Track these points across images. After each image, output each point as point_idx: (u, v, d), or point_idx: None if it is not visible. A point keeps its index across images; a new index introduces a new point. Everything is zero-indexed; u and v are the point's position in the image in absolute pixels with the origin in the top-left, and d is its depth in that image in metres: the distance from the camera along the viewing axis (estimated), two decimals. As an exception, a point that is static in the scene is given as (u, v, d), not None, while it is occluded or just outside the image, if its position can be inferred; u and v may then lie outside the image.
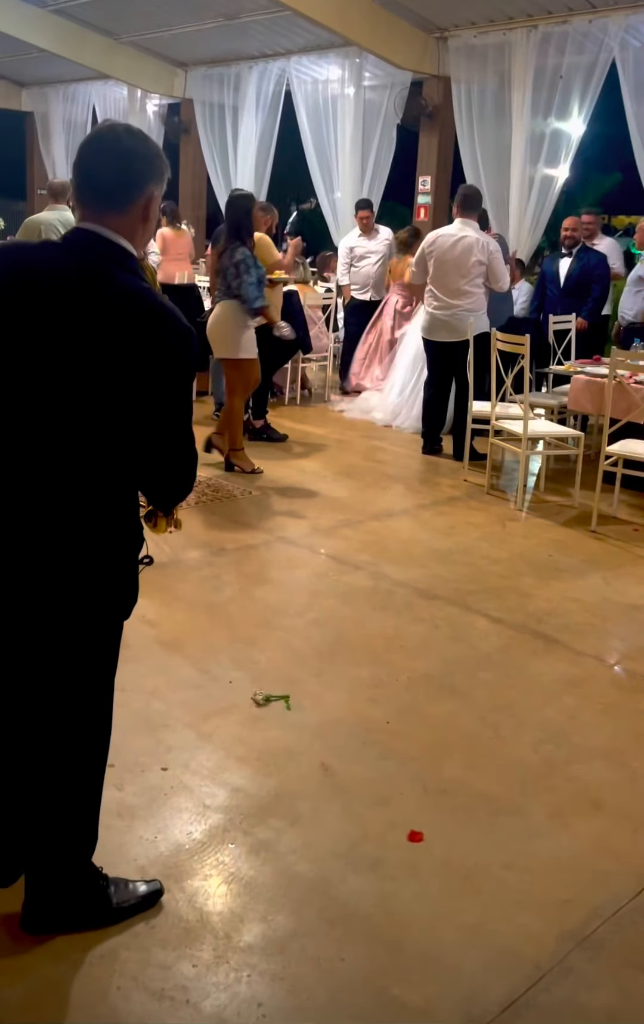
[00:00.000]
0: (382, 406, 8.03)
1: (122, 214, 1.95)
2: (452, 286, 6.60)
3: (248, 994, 2.12)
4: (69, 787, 2.20)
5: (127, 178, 1.95)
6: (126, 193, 1.95)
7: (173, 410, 1.91)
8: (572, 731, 3.28)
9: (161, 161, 2.01)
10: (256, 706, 3.31)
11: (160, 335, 1.85)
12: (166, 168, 2.03)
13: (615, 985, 2.20)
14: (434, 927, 2.35)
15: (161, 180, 2.01)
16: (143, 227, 2.00)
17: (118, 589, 2.08)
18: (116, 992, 2.11)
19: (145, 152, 1.98)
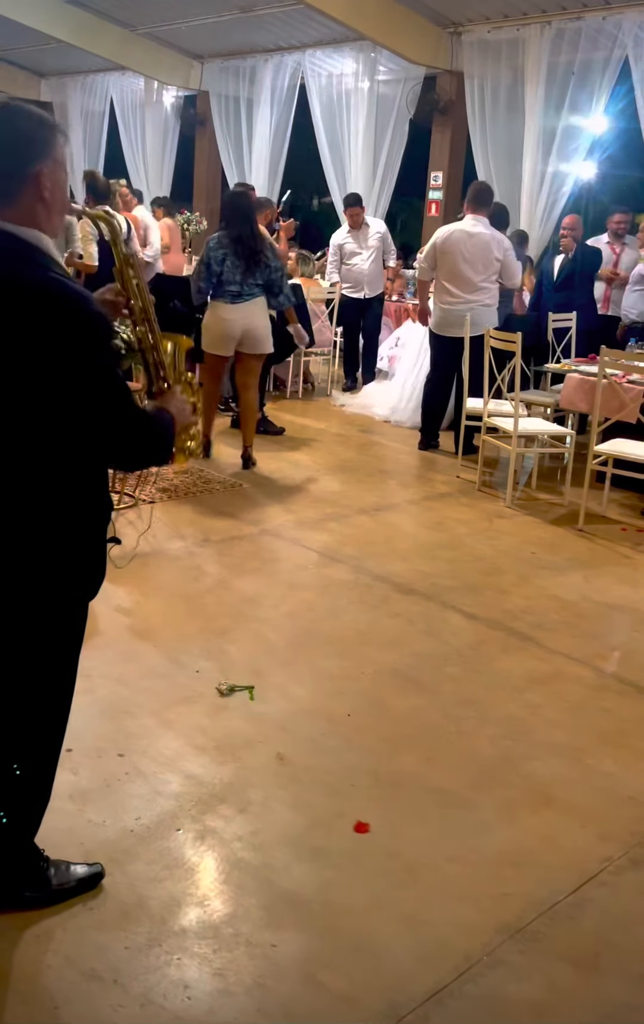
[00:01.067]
0: (383, 401, 8.04)
1: (14, 204, 1.91)
2: (469, 282, 6.59)
3: (176, 976, 2.15)
4: (19, 768, 2.24)
5: (4, 170, 1.90)
6: (8, 184, 1.90)
7: (102, 392, 1.91)
8: (533, 728, 3.29)
9: (39, 133, 1.92)
10: (220, 696, 3.35)
11: (64, 324, 1.84)
12: (49, 136, 1.93)
13: (543, 978, 2.22)
14: (370, 916, 2.37)
15: (47, 153, 1.92)
16: (44, 206, 1.94)
17: (80, 567, 2.10)
18: (48, 971, 2.15)
19: (15, 134, 1.90)
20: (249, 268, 5.93)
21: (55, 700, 2.24)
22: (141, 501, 5.24)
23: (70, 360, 1.86)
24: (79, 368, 1.87)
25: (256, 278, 5.98)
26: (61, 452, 1.96)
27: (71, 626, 2.18)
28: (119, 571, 4.17)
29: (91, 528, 2.10)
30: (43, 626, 2.12)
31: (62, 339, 1.84)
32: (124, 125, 13.21)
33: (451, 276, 6.65)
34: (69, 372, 1.86)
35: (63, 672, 2.23)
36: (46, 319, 1.84)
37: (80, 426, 1.94)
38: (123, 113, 13.23)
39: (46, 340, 1.84)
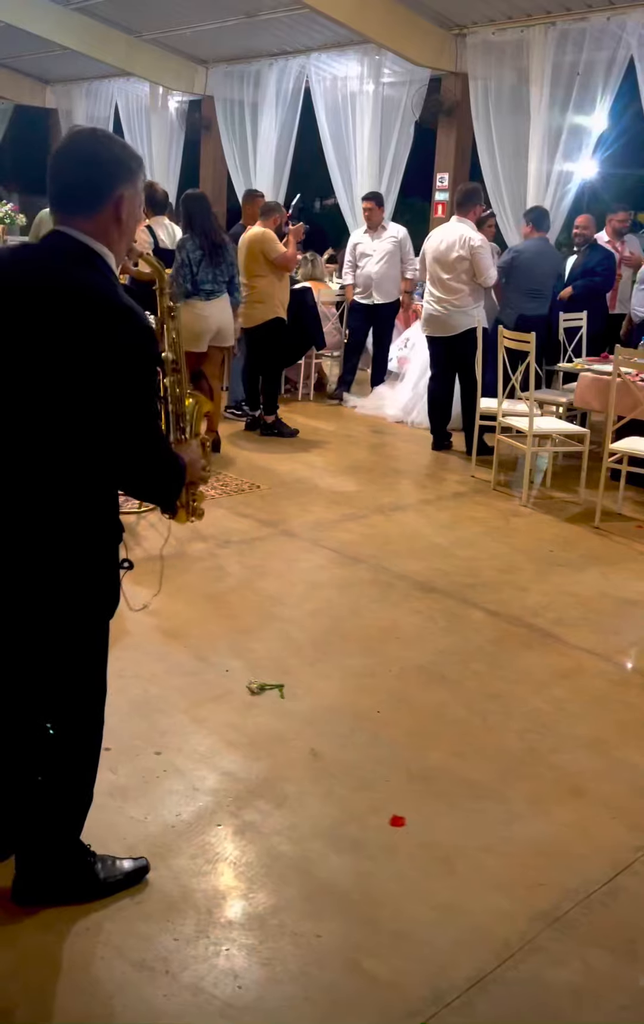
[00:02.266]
0: (394, 402, 8.10)
1: (91, 218, 2.01)
2: (439, 282, 6.71)
3: (226, 966, 2.21)
4: (63, 772, 2.31)
5: (93, 183, 2.01)
6: (94, 197, 2.00)
7: (134, 407, 1.96)
8: (558, 721, 3.35)
9: (130, 162, 2.05)
10: (250, 694, 3.41)
11: (118, 332, 1.91)
12: (137, 168, 2.07)
13: (581, 963, 2.28)
14: (408, 906, 2.43)
15: (132, 180, 2.05)
16: (117, 228, 2.04)
17: (96, 591, 2.14)
18: (99, 962, 2.21)
19: (111, 155, 2.02)
20: (217, 265, 6.27)
21: (89, 710, 2.31)
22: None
23: (114, 368, 1.91)
24: (120, 378, 1.92)
25: (223, 275, 6.32)
26: (82, 466, 2.00)
27: (97, 643, 2.23)
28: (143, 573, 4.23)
29: (107, 550, 2.14)
30: (72, 646, 2.18)
31: (113, 347, 1.90)
32: (130, 131, 13.27)
33: (430, 278, 6.79)
34: (110, 379, 1.91)
35: (95, 683, 2.29)
36: (102, 326, 1.90)
37: (103, 435, 1.97)
38: (129, 119, 13.29)
39: (97, 345, 1.89)
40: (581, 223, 7.71)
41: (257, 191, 8.30)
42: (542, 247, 7.14)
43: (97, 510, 2.09)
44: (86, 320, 1.91)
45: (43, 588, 2.07)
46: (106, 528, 2.13)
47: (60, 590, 2.08)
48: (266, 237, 6.92)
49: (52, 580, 2.07)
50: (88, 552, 2.10)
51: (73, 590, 2.10)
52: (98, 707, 2.33)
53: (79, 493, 2.04)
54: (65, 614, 2.12)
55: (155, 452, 2.06)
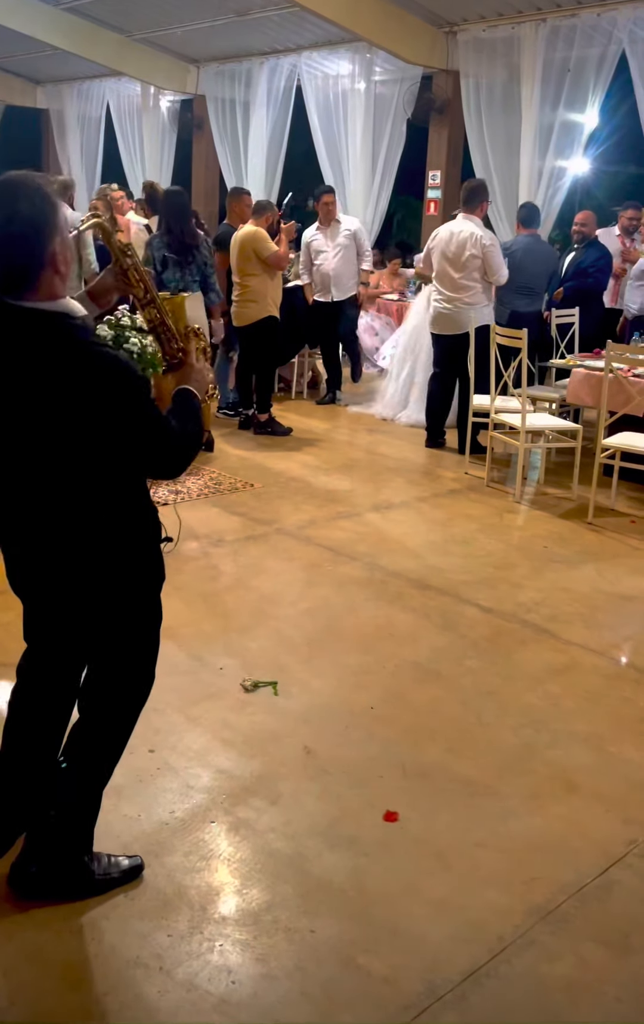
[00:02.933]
0: (383, 400, 8.08)
1: (35, 287, 1.99)
2: (450, 280, 6.69)
3: (220, 962, 2.21)
4: (100, 752, 2.40)
5: (24, 263, 1.96)
6: (31, 274, 1.97)
7: (141, 426, 2.07)
8: (553, 717, 3.35)
9: (46, 211, 1.96)
10: (245, 692, 3.41)
11: (122, 387, 2.00)
12: (54, 213, 1.98)
13: (575, 957, 2.28)
14: (403, 901, 2.43)
15: (55, 230, 1.98)
16: (59, 277, 2.02)
17: (149, 571, 2.28)
18: (93, 959, 2.21)
19: (25, 227, 1.94)
20: (185, 264, 6.30)
21: (146, 678, 2.42)
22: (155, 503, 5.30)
23: (121, 417, 2.02)
24: (128, 422, 2.04)
25: (193, 274, 6.35)
26: (114, 486, 2.14)
27: (156, 615, 2.35)
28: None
29: (149, 535, 2.26)
30: (139, 622, 2.32)
31: (113, 401, 2.00)
32: (121, 131, 13.27)
33: (438, 275, 6.78)
34: (119, 425, 2.03)
35: (153, 651, 2.39)
36: (97, 382, 1.98)
37: (131, 461, 2.12)
38: (120, 119, 13.29)
39: (98, 401, 1.99)
40: (581, 220, 7.70)
41: (243, 189, 8.27)
42: (533, 244, 7.14)
43: (137, 506, 2.22)
44: (83, 384, 1.98)
45: (109, 581, 2.20)
46: (148, 516, 2.25)
47: (123, 579, 2.21)
48: (258, 236, 6.92)
49: (115, 572, 2.19)
50: (139, 538, 2.23)
51: (133, 576, 2.23)
52: (138, 697, 2.42)
53: (121, 501, 2.17)
54: (129, 595, 2.25)
55: (174, 446, 2.15)
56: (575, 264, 7.58)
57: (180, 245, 6.31)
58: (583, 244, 7.63)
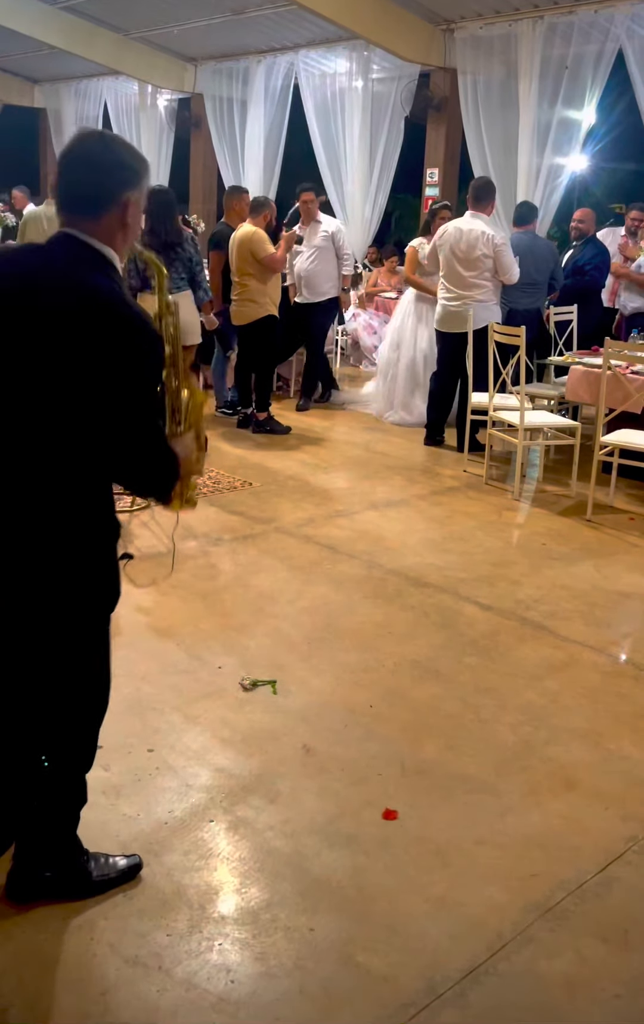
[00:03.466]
0: (377, 399, 8.03)
1: (97, 220, 2.02)
2: (462, 279, 6.67)
3: (218, 961, 2.21)
4: (63, 766, 2.32)
5: (100, 186, 2.02)
6: (100, 201, 2.02)
7: (137, 408, 1.97)
8: (552, 714, 3.35)
9: (137, 166, 2.07)
10: (243, 690, 3.41)
11: (125, 336, 1.91)
12: (143, 172, 2.08)
13: (574, 954, 2.28)
14: (402, 899, 2.43)
15: (138, 185, 2.06)
16: (122, 232, 2.06)
17: (98, 584, 2.15)
18: (93, 959, 2.21)
19: (118, 159, 2.04)
20: (170, 262, 6.23)
21: (92, 703, 2.31)
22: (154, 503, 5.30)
23: (119, 371, 1.92)
24: (125, 380, 1.93)
25: (179, 271, 6.32)
26: (81, 462, 2.01)
27: (99, 637, 2.25)
28: (136, 572, 4.24)
29: (108, 543, 2.16)
30: (75, 640, 2.19)
31: (119, 351, 1.91)
32: (119, 129, 13.24)
33: (447, 273, 6.76)
34: (114, 381, 1.92)
35: (97, 678, 2.30)
36: (110, 329, 1.90)
37: (105, 433, 1.98)
38: (118, 118, 13.28)
39: (104, 348, 1.90)
40: (579, 217, 7.70)
41: (241, 187, 8.25)
42: (531, 241, 7.14)
43: (96, 505, 2.10)
44: (93, 323, 1.91)
45: (46, 583, 2.08)
46: (105, 523, 2.14)
47: (63, 584, 2.09)
48: (255, 237, 6.90)
49: (55, 575, 2.08)
50: (89, 546, 2.11)
51: (76, 584, 2.11)
52: (100, 701, 2.34)
53: (79, 488, 2.05)
54: (68, 608, 2.12)
55: (155, 450, 2.07)
56: (572, 262, 7.58)
57: (162, 244, 6.24)
58: (582, 242, 7.62)
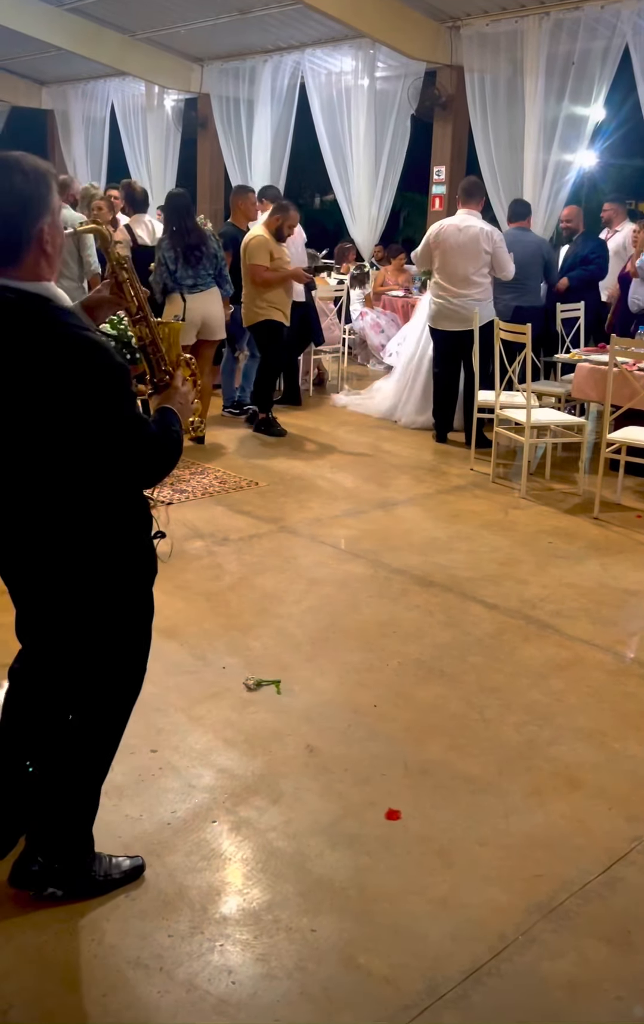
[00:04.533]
0: (384, 400, 7.98)
1: (19, 264, 1.97)
2: (460, 276, 6.66)
3: (220, 962, 2.21)
4: (90, 767, 2.37)
5: (9, 234, 1.94)
6: (16, 247, 1.95)
7: (126, 432, 2.01)
8: (557, 713, 3.34)
9: (40, 189, 1.94)
10: (247, 691, 3.40)
11: (97, 373, 1.93)
12: (47, 192, 1.96)
13: (577, 955, 2.27)
14: (404, 900, 2.43)
15: (46, 208, 1.96)
16: (46, 259, 2.00)
17: (137, 564, 2.26)
18: (94, 960, 2.21)
19: (19, 194, 1.92)
20: (198, 260, 6.42)
21: (137, 673, 2.39)
22: (159, 502, 5.31)
23: (94, 407, 1.95)
24: (102, 415, 1.97)
25: (207, 268, 6.47)
26: (94, 477, 2.07)
27: (147, 608, 2.35)
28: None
29: (136, 527, 2.23)
30: (129, 616, 2.30)
31: (87, 388, 1.93)
32: (126, 130, 13.27)
33: (443, 271, 6.75)
34: (93, 418, 1.96)
35: (144, 646, 2.39)
36: (72, 370, 1.92)
37: (105, 460, 2.05)
38: (125, 118, 13.29)
39: (72, 389, 1.93)
40: (566, 215, 7.71)
41: (248, 187, 8.23)
42: (518, 235, 7.12)
43: (119, 500, 2.16)
44: (55, 369, 1.92)
45: (93, 580, 2.17)
46: (132, 512, 2.20)
47: (115, 569, 2.19)
48: (252, 244, 6.84)
49: (107, 562, 2.17)
50: (129, 533, 2.20)
51: (124, 567, 2.21)
52: (130, 694, 2.39)
53: (98, 494, 2.11)
54: (123, 587, 2.23)
55: (154, 454, 2.10)
56: (574, 255, 7.56)
57: (187, 245, 6.37)
58: (578, 238, 7.61)
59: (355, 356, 10.39)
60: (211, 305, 6.51)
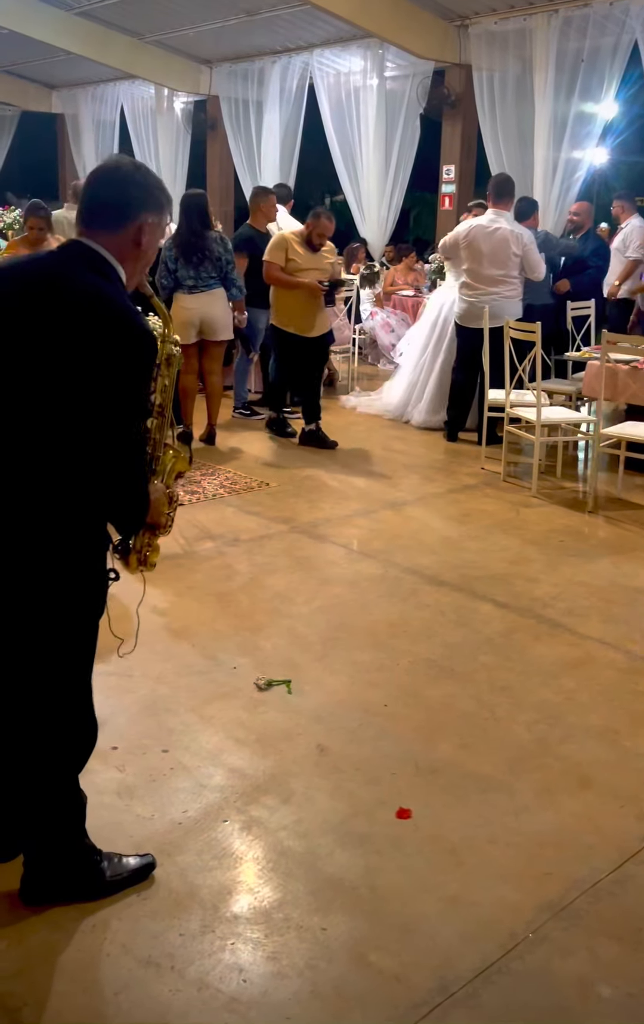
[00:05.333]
0: (393, 399, 7.94)
1: (112, 236, 2.08)
2: (489, 276, 6.67)
3: (231, 961, 2.22)
4: (46, 771, 2.31)
5: (120, 204, 2.09)
6: (117, 217, 2.09)
7: (119, 411, 1.99)
8: (568, 711, 3.33)
9: (160, 195, 2.15)
10: (258, 691, 3.41)
11: (116, 332, 1.94)
12: (165, 203, 2.16)
13: (588, 953, 2.27)
14: (415, 898, 2.43)
15: (158, 211, 2.13)
16: (135, 251, 2.11)
17: (79, 592, 2.16)
18: (105, 959, 2.22)
19: (143, 183, 2.12)
20: (199, 262, 6.42)
21: (73, 709, 2.30)
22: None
23: (109, 366, 1.94)
24: (112, 376, 1.95)
25: (209, 270, 6.46)
26: (68, 464, 2.03)
27: (80, 642, 2.24)
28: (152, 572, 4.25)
29: (94, 553, 2.17)
30: (51, 640, 2.19)
31: (106, 344, 1.94)
32: (136, 133, 13.32)
33: (472, 270, 6.74)
34: (102, 376, 1.95)
35: (77, 682, 2.29)
36: (102, 325, 1.94)
37: (88, 437, 2.00)
38: (134, 121, 13.33)
39: (95, 344, 1.94)
40: (575, 210, 7.69)
41: (267, 188, 8.01)
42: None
43: (81, 512, 2.10)
44: (86, 320, 1.95)
45: (29, 586, 2.11)
46: (92, 532, 2.15)
47: (46, 589, 2.11)
48: (272, 241, 6.74)
49: (37, 578, 2.10)
50: (72, 550, 2.12)
51: (59, 590, 2.13)
52: (74, 708, 2.32)
53: (68, 492, 2.06)
54: (47, 614, 2.14)
55: (129, 460, 2.07)
56: (573, 258, 7.55)
57: (187, 245, 6.37)
58: (580, 235, 7.60)
59: (365, 356, 10.39)
60: (211, 306, 6.51)
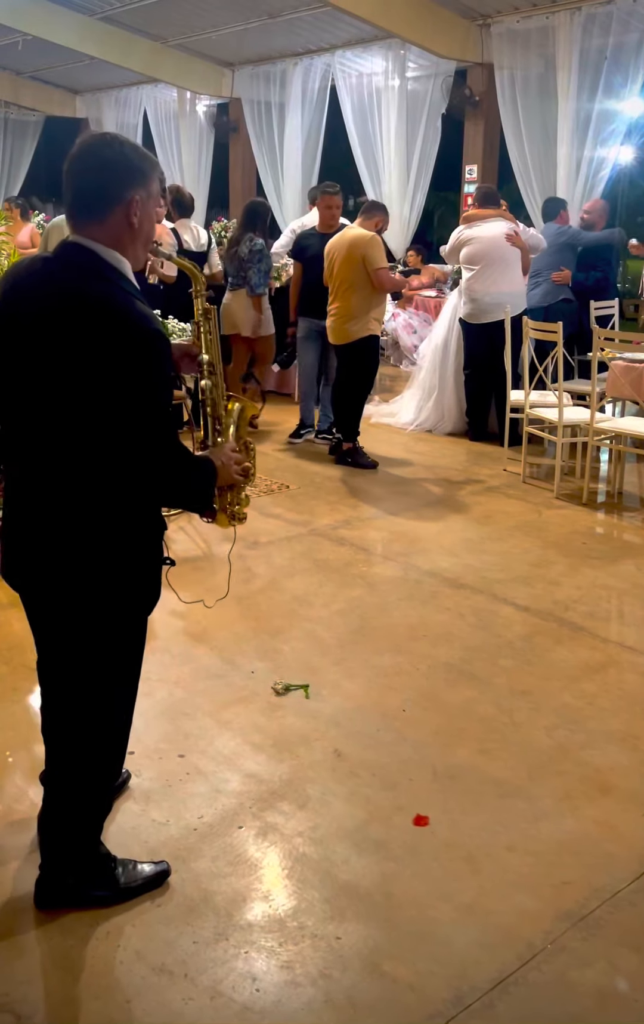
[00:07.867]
0: (406, 407, 7.79)
1: (103, 223, 2.01)
2: (495, 274, 6.72)
3: (244, 969, 2.20)
4: (75, 773, 2.33)
5: (102, 188, 2.00)
6: (103, 203, 2.00)
7: (138, 409, 1.94)
8: (588, 716, 3.29)
9: (141, 164, 2.03)
10: (276, 695, 3.39)
11: (111, 334, 1.89)
12: (149, 170, 2.04)
13: (607, 964, 2.23)
14: (431, 906, 2.40)
15: (144, 183, 2.03)
16: (130, 232, 2.04)
17: (138, 584, 2.17)
18: (119, 966, 2.21)
19: (120, 159, 2.01)
20: (235, 262, 7.09)
21: (116, 709, 2.33)
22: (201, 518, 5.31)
23: (120, 374, 1.90)
24: (126, 383, 1.91)
25: (235, 270, 7.10)
26: (106, 467, 2.01)
27: (130, 638, 2.26)
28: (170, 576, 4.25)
29: (148, 547, 2.16)
30: (104, 638, 2.19)
31: (116, 353, 1.89)
32: (159, 137, 13.34)
33: (483, 274, 6.76)
34: (117, 385, 1.91)
35: (127, 682, 2.32)
36: (103, 332, 1.89)
37: (117, 438, 1.97)
38: (157, 125, 13.36)
39: (101, 353, 1.89)
40: (588, 207, 7.63)
41: (334, 186, 6.99)
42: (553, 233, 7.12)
43: (132, 506, 2.09)
44: (86, 327, 1.91)
45: (85, 578, 2.10)
46: (144, 526, 2.14)
47: (102, 581, 2.11)
48: (373, 242, 6.00)
49: (94, 571, 2.09)
50: (124, 546, 2.11)
51: (115, 582, 2.12)
52: (126, 708, 2.36)
53: (107, 490, 2.04)
54: (105, 606, 2.14)
55: (167, 455, 2.04)
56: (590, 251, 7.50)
57: (230, 244, 7.16)
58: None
59: (388, 357, 10.35)
60: (231, 302, 7.15)
